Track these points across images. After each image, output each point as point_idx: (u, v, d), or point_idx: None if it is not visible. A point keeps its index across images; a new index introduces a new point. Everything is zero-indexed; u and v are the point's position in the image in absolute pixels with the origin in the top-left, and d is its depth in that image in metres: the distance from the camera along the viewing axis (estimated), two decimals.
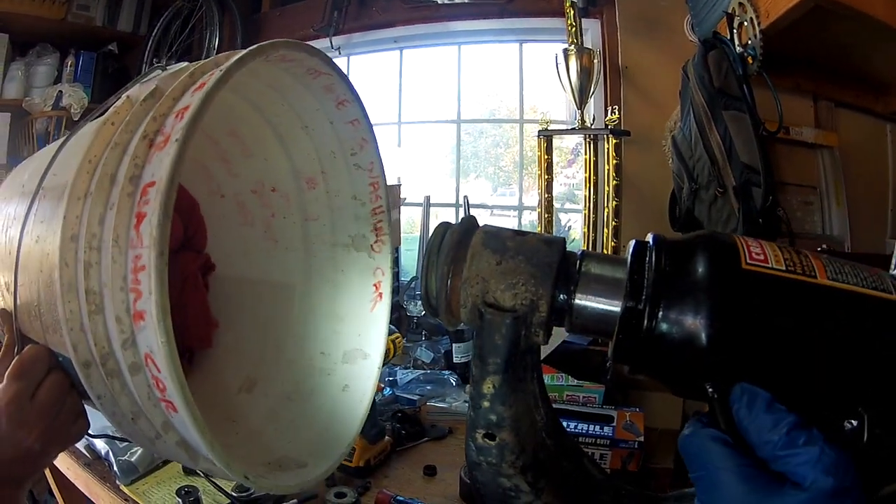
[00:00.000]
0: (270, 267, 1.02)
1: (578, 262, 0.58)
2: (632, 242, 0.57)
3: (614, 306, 0.55)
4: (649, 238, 0.57)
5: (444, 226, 0.61)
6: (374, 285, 0.97)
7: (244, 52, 0.64)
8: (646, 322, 0.52)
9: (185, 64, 0.76)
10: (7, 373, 0.77)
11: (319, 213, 0.98)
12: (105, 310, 0.60)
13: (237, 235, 1.03)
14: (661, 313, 0.52)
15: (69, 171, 0.68)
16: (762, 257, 0.53)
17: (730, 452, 0.49)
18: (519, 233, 0.59)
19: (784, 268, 0.52)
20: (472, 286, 0.57)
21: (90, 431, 0.86)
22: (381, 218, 0.95)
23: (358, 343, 0.95)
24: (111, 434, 1.28)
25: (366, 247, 0.96)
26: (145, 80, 0.76)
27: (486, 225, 0.61)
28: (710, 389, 0.52)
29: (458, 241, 0.59)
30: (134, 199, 0.58)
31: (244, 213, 1.02)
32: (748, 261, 0.52)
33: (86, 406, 0.83)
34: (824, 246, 2.11)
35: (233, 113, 0.88)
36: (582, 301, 0.56)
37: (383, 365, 0.97)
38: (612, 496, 0.66)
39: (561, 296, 0.56)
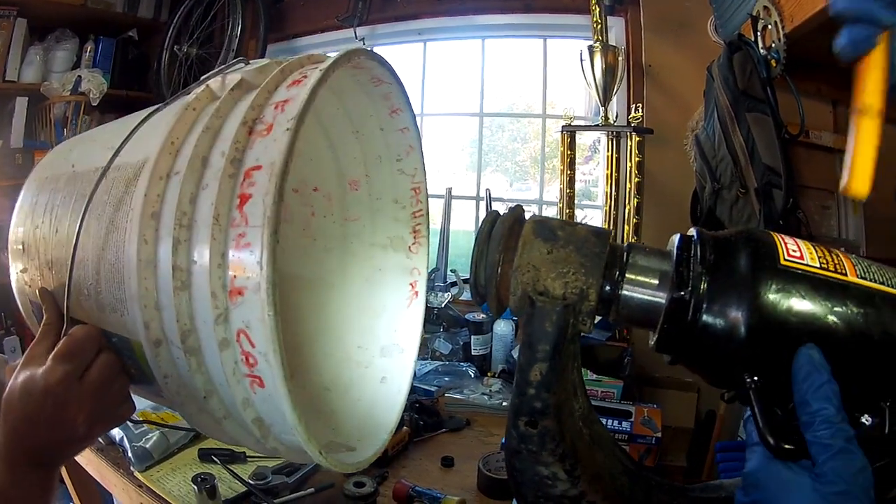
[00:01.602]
0: (308, 263, 1.03)
1: (626, 253, 0.60)
2: (676, 236, 0.59)
3: (660, 297, 0.57)
4: (692, 232, 0.59)
5: (494, 214, 0.63)
6: (411, 284, 0.99)
7: (338, 55, 0.66)
8: (690, 313, 0.54)
9: (267, 60, 0.77)
10: (54, 353, 0.75)
11: (360, 214, 1.00)
12: (192, 286, 0.62)
13: None
14: (705, 305, 0.54)
15: (143, 153, 0.69)
16: (798, 254, 0.55)
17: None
18: (568, 223, 0.61)
19: (818, 265, 0.54)
20: (524, 274, 0.58)
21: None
22: (420, 221, 0.97)
23: (394, 338, 0.97)
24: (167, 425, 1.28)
25: (404, 248, 0.99)
26: (228, 71, 0.77)
27: (534, 215, 0.62)
28: (748, 379, 0.54)
29: (508, 230, 0.61)
30: (236, 180, 0.60)
31: (285, 210, 1.02)
32: (786, 257, 0.54)
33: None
34: (842, 249, 2.11)
35: None
36: (629, 291, 0.59)
37: None
38: (642, 487, 0.68)
39: (608, 286, 0.58)
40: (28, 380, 0.76)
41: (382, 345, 0.98)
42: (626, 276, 0.59)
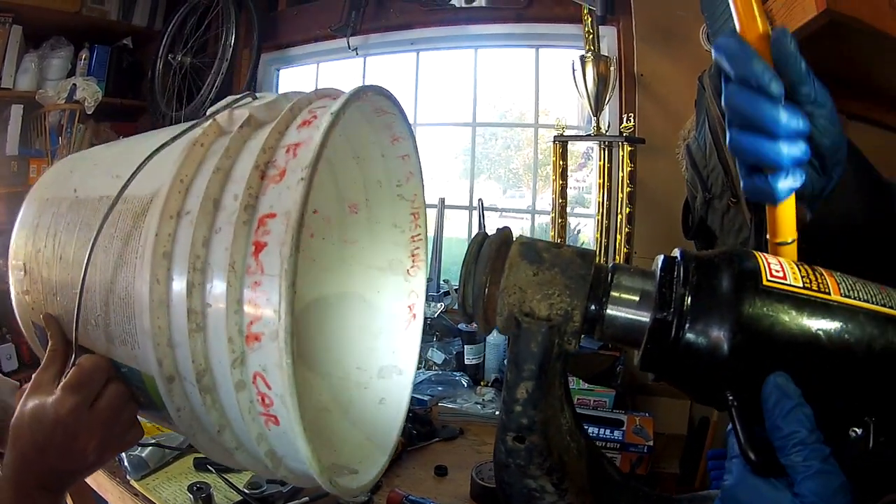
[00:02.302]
0: (306, 284, 1.03)
1: (610, 274, 0.61)
2: (659, 257, 0.60)
3: (643, 317, 0.58)
4: (676, 253, 0.60)
5: (482, 235, 0.65)
6: (409, 307, 0.99)
7: (347, 94, 0.66)
8: (673, 332, 0.55)
9: (274, 95, 0.78)
10: (64, 384, 0.76)
11: (359, 237, 1.00)
12: (207, 328, 0.62)
13: None
14: (687, 325, 0.55)
15: (149, 186, 0.70)
16: (781, 274, 0.56)
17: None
18: (553, 245, 0.62)
19: (801, 285, 0.55)
20: (510, 295, 0.60)
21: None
22: (418, 245, 0.98)
23: (393, 359, 0.98)
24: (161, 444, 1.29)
25: (402, 271, 0.99)
26: (235, 106, 0.77)
27: (521, 236, 0.64)
28: (731, 397, 0.55)
29: (495, 252, 0.62)
30: (250, 227, 0.61)
31: None
32: (768, 277, 0.55)
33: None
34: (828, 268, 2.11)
35: None
36: (613, 311, 0.60)
37: None
38: (629, 497, 0.69)
39: (592, 306, 0.60)
40: (38, 408, 0.77)
41: (381, 366, 0.98)
42: (611, 296, 0.60)
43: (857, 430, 0.53)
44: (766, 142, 0.62)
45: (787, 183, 0.64)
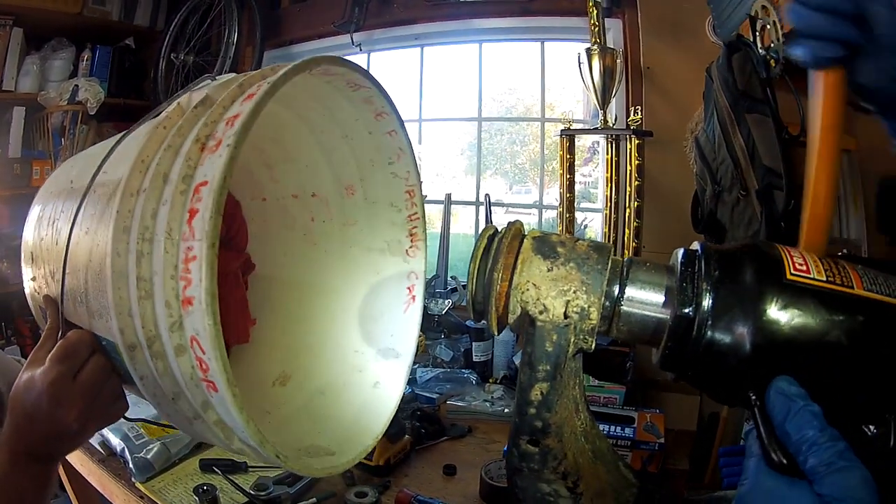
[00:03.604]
0: (309, 268, 1.05)
1: (626, 269, 0.59)
2: (679, 251, 0.58)
3: (664, 314, 0.56)
4: (696, 246, 0.58)
5: (491, 229, 0.63)
6: (408, 288, 1.00)
7: (289, 66, 0.68)
8: (695, 330, 0.53)
9: (233, 75, 0.80)
10: (51, 355, 0.82)
11: (357, 219, 1.01)
12: (154, 296, 0.65)
13: (278, 237, 1.07)
14: (710, 322, 0.53)
15: (121, 169, 0.73)
16: (805, 268, 0.54)
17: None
18: (568, 238, 0.60)
19: (825, 278, 0.53)
20: (524, 292, 0.58)
21: (127, 415, 0.91)
22: (416, 224, 0.99)
23: (391, 343, 0.98)
24: (148, 419, 1.31)
25: (401, 251, 1.00)
26: (196, 88, 0.80)
27: (533, 230, 0.62)
28: (753, 397, 0.53)
29: (507, 247, 0.60)
30: (187, 196, 0.63)
31: (285, 216, 1.06)
32: (792, 271, 0.54)
33: (126, 392, 0.88)
34: (844, 251, 2.10)
35: (277, 121, 0.91)
36: (629, 308, 0.58)
37: None
38: (646, 501, 0.67)
39: (607, 303, 0.58)
40: (29, 380, 0.84)
41: (378, 349, 0.99)
42: (626, 292, 0.58)
43: (872, 427, 0.52)
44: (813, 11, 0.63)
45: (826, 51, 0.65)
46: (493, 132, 3.80)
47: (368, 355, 0.99)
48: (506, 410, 2.10)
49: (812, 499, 0.48)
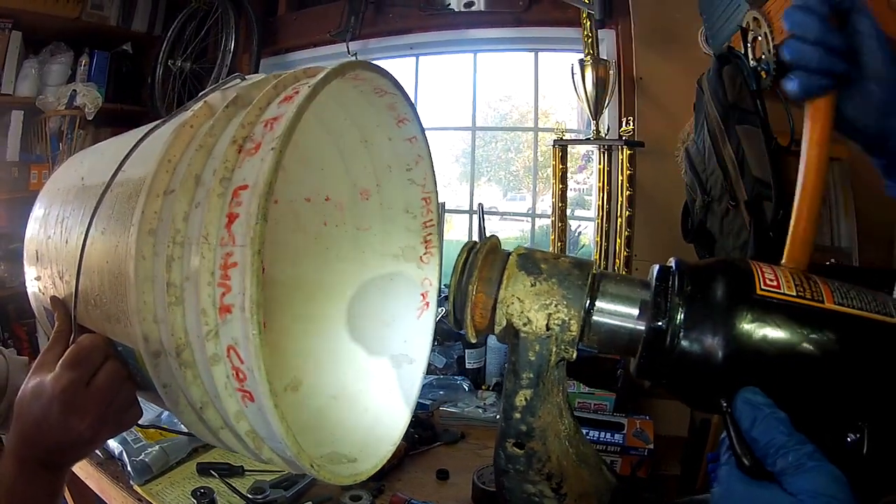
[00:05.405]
0: (320, 272, 1.04)
1: (597, 282, 0.62)
2: (655, 267, 0.61)
3: (636, 325, 0.59)
4: (671, 262, 0.61)
5: (471, 244, 0.66)
6: (422, 294, 1.00)
7: (328, 69, 0.66)
8: (668, 341, 0.56)
9: (263, 75, 0.78)
10: (62, 360, 0.78)
11: (371, 224, 1.00)
12: (185, 302, 0.63)
13: (288, 241, 1.05)
14: (682, 333, 0.56)
15: (143, 169, 0.71)
16: (775, 283, 0.57)
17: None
18: (551, 256, 0.64)
19: (795, 293, 0.56)
20: (508, 305, 0.61)
21: (139, 422, 0.88)
22: (431, 231, 0.99)
23: (404, 348, 0.98)
24: (160, 426, 1.30)
25: (415, 258, 1.00)
26: (225, 87, 0.79)
27: (519, 247, 0.65)
28: (724, 404, 0.56)
29: (487, 262, 0.64)
30: (225, 199, 0.61)
31: (297, 219, 1.04)
32: (762, 286, 0.56)
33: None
34: (833, 260, 2.12)
35: None
36: (599, 318, 0.61)
37: None
38: (622, 499, 0.70)
39: (586, 316, 0.61)
40: (38, 385, 0.79)
41: (392, 355, 0.98)
42: (597, 304, 0.61)
43: (853, 434, 0.54)
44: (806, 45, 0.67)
45: (813, 81, 0.68)
46: (488, 139, 3.82)
47: (382, 361, 0.98)
48: (497, 417, 2.09)
49: (784, 498, 0.50)
